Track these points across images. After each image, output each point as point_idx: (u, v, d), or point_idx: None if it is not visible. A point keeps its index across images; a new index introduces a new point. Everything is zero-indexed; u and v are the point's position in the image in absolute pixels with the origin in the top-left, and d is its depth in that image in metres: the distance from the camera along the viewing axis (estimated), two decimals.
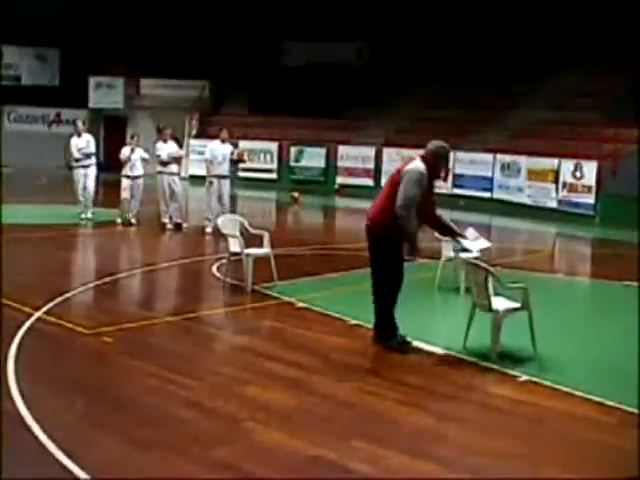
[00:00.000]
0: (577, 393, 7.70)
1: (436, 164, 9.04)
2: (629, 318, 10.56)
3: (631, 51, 25.75)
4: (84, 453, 6.00)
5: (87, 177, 19.53)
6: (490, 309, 8.71)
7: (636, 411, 7.13)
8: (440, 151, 9.11)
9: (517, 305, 8.88)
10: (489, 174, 26.69)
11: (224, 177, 18.34)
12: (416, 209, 8.79)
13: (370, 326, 9.60)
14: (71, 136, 20.19)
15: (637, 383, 7.84)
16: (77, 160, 19.54)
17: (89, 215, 19.53)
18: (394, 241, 8.95)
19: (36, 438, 6.25)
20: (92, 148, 19.66)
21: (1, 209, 18.53)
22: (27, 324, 9.49)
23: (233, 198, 19.35)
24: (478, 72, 30.40)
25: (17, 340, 8.78)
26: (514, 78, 29.36)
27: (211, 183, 18.27)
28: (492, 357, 8.58)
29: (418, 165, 8.95)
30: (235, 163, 18.85)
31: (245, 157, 20.21)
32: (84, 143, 19.58)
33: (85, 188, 19.51)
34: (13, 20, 32.23)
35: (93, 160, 19.72)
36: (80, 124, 20.16)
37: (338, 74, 33.86)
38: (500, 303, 8.81)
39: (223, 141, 18.47)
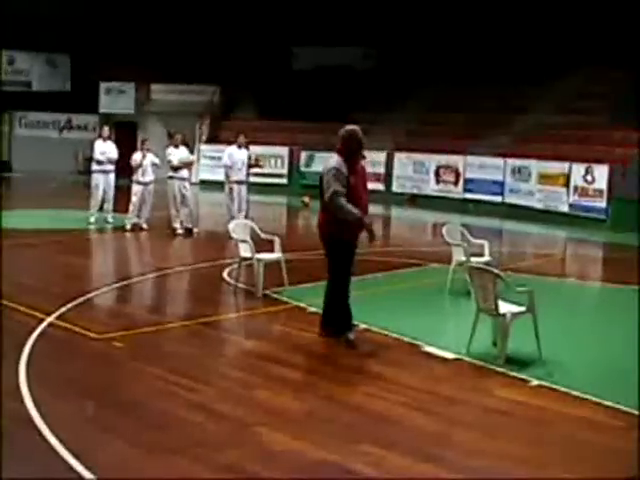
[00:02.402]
0: (584, 396, 7.70)
1: (349, 148, 9.33)
2: (637, 322, 10.54)
3: None
4: (91, 454, 6.05)
5: (108, 183, 19.76)
6: (497, 313, 8.70)
7: None
8: (345, 134, 9.42)
9: (523, 309, 8.88)
10: (500, 178, 26.66)
11: (243, 182, 18.46)
12: (353, 196, 9.14)
13: (379, 330, 9.66)
14: (95, 139, 20.53)
15: (637, 384, 7.89)
16: (99, 162, 19.74)
17: (109, 219, 19.72)
18: (337, 237, 9.30)
19: (44, 439, 6.30)
20: (115, 155, 19.85)
21: (1, 214, 18.62)
22: (39, 329, 9.52)
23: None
24: (488, 75, 30.36)
25: (29, 345, 8.82)
26: (524, 81, 29.32)
27: (231, 189, 18.33)
28: (499, 361, 8.58)
29: (331, 161, 9.40)
30: (250, 167, 18.94)
31: (260, 162, 20.40)
32: (108, 148, 19.82)
33: (105, 193, 19.72)
34: (24, 26, 32.37)
35: (113, 167, 19.88)
36: (106, 130, 20.55)
37: (347, 78, 33.90)
38: (506, 307, 8.80)
39: (240, 146, 18.55)
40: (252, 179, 18.99)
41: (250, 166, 18.75)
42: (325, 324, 9.61)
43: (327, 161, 9.58)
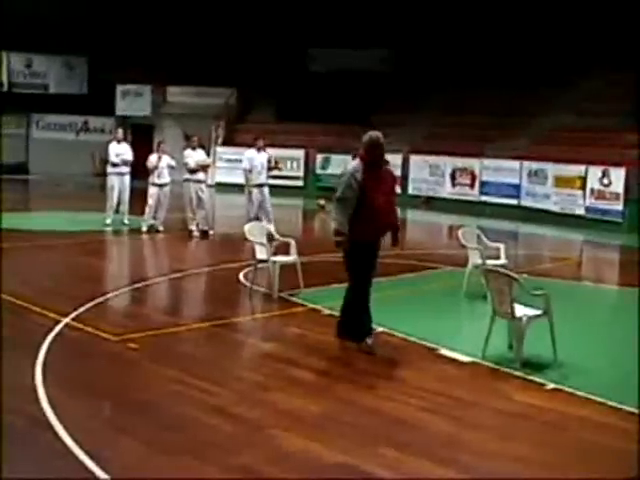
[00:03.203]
0: (600, 400, 7.69)
1: (371, 154, 9.37)
2: (637, 323, 10.52)
3: None
4: (107, 456, 6.08)
5: (123, 185, 19.82)
6: (513, 317, 8.69)
7: None
8: (368, 141, 9.44)
9: (539, 312, 8.86)
10: (516, 181, 26.59)
11: (264, 185, 18.48)
12: (370, 202, 9.06)
13: (395, 333, 9.67)
14: (109, 142, 20.62)
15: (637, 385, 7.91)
16: (114, 165, 19.81)
17: (125, 221, 19.78)
18: (353, 240, 9.20)
19: (60, 440, 6.33)
20: (130, 156, 19.91)
21: (1, 215, 18.71)
22: (55, 330, 9.57)
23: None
24: (505, 78, 30.28)
25: (45, 345, 8.87)
26: (541, 83, 29.23)
27: (250, 193, 18.38)
28: (515, 364, 8.58)
29: (349, 165, 9.59)
30: (270, 170, 18.99)
31: (280, 164, 20.48)
32: (123, 150, 19.87)
33: (121, 195, 19.84)
34: (41, 29, 32.49)
35: (128, 168, 19.94)
36: (120, 132, 20.63)
37: (364, 81, 33.87)
38: (522, 310, 8.79)
39: (259, 149, 18.57)
40: (269, 181, 19.02)
41: (270, 169, 18.79)
42: (342, 327, 9.58)
43: (347, 165, 9.69)
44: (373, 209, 9.15)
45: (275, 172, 19.51)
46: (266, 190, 18.60)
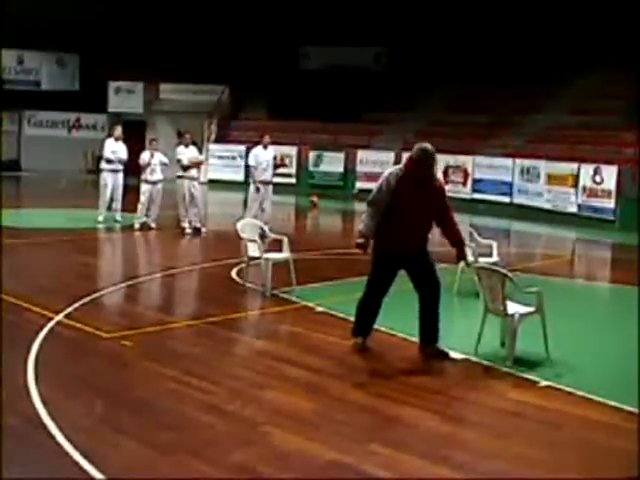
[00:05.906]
0: (593, 397, 7.71)
1: (414, 167, 8.79)
2: (637, 322, 10.54)
3: None
4: (101, 455, 6.05)
5: (116, 183, 19.83)
6: (505, 314, 8.71)
7: None
8: (415, 152, 8.82)
9: (531, 309, 8.88)
10: (508, 179, 26.64)
11: (268, 183, 18.62)
12: (398, 213, 8.77)
13: (388, 331, 9.69)
14: (107, 137, 20.58)
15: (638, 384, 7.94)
16: (108, 161, 19.75)
17: (118, 218, 19.77)
18: (373, 249, 9.05)
19: (54, 439, 6.30)
20: (125, 156, 19.87)
21: (1, 212, 18.66)
22: (47, 327, 9.54)
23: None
24: (497, 76, 30.36)
25: (37, 343, 8.84)
26: (534, 82, 29.29)
27: (258, 189, 18.49)
28: (508, 362, 8.60)
29: (390, 169, 9.21)
30: (277, 167, 19.12)
31: (286, 162, 20.65)
32: (119, 148, 19.82)
33: (114, 192, 19.83)
34: (33, 25, 32.41)
35: (122, 166, 19.90)
36: (119, 130, 20.53)
37: (357, 78, 33.91)
38: (514, 308, 8.80)
39: (265, 146, 18.70)
40: (274, 179, 19.19)
41: (276, 166, 18.96)
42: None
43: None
44: (401, 220, 8.80)
45: (282, 170, 19.69)
46: (269, 188, 18.79)
